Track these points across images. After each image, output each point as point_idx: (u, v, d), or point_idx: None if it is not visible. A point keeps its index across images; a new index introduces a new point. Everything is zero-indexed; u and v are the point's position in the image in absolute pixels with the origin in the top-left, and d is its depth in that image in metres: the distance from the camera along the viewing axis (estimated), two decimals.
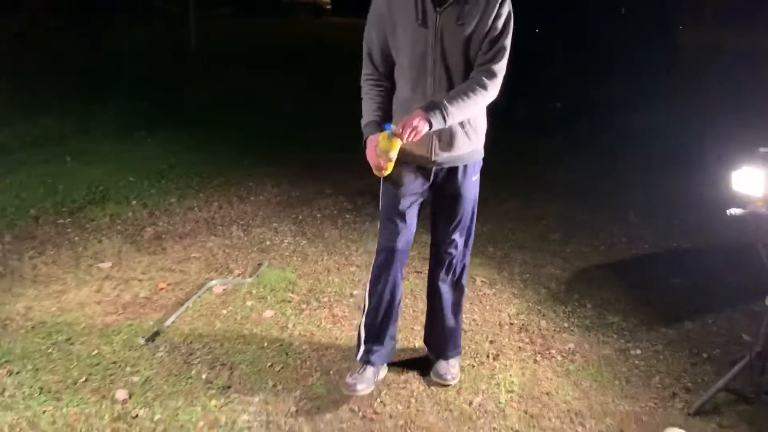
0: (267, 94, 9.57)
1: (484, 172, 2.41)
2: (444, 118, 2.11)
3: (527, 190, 5.19)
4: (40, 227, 4.14)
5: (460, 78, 2.18)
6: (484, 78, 2.15)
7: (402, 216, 2.36)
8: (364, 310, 2.49)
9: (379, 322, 2.47)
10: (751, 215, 2.40)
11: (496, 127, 2.45)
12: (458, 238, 2.45)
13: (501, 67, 2.17)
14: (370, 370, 2.48)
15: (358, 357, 2.50)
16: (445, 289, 2.54)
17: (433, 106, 2.11)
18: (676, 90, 8.33)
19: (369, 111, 2.26)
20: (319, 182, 5.15)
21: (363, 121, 2.28)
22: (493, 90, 2.18)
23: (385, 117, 2.25)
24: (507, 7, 2.14)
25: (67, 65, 10.49)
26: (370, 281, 2.46)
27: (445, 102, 2.11)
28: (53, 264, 3.61)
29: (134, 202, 4.65)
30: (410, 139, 2.09)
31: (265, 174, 5.41)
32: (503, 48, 2.16)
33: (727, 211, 2.44)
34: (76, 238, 3.99)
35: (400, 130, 2.07)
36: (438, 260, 2.52)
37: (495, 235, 4.21)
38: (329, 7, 31.59)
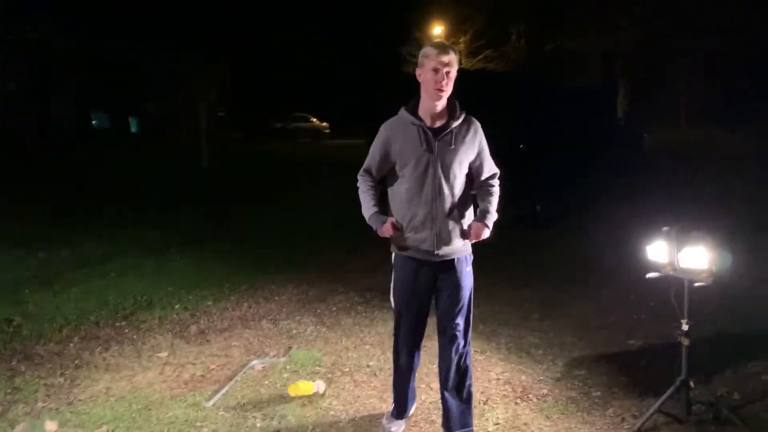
0: (278, 208, 10.63)
1: (476, 264, 3.18)
2: (492, 218, 2.97)
3: (512, 279, 6.03)
4: (101, 329, 4.92)
5: (452, 184, 2.88)
6: (495, 184, 3.03)
7: (414, 315, 3.02)
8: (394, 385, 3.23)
9: (403, 391, 3.21)
10: (664, 276, 3.24)
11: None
12: (461, 321, 3.04)
13: (497, 170, 3.05)
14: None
15: (391, 412, 3.25)
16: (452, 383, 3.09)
17: (485, 215, 2.96)
18: (641, 188, 9.38)
19: (370, 205, 3.02)
20: (333, 282, 5.99)
21: (367, 212, 3.01)
22: (499, 186, 3.05)
23: (379, 210, 3.01)
24: (480, 132, 2.99)
25: (93, 192, 11.65)
26: (394, 378, 3.18)
27: (489, 207, 2.97)
28: (119, 356, 4.38)
29: (177, 307, 5.46)
30: (477, 239, 2.95)
31: (285, 278, 6.26)
32: (491, 160, 3.03)
33: (647, 275, 3.29)
34: (134, 336, 4.76)
35: None
36: (444, 342, 3.07)
37: (485, 315, 4.99)
38: (327, 131, 33.71)
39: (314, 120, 34.51)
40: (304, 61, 39.12)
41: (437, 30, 26.92)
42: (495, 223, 3.02)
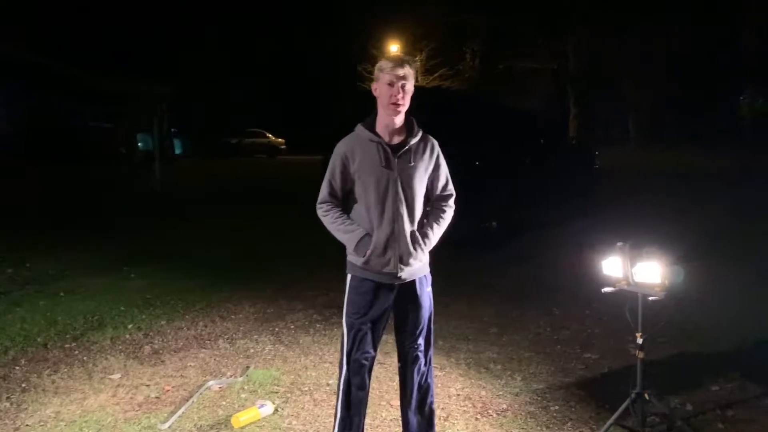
0: (233, 225, 10.50)
1: (433, 280, 3.02)
2: (429, 243, 2.86)
3: (470, 295, 6.08)
4: (49, 351, 4.75)
5: (413, 202, 2.79)
6: (445, 206, 2.93)
7: (369, 339, 2.85)
8: (336, 418, 2.92)
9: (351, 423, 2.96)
10: (619, 291, 3.31)
11: (444, 245, 3.10)
12: (422, 341, 2.94)
13: (453, 192, 2.99)
14: None
15: None
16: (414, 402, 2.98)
17: (423, 234, 2.83)
18: (594, 207, 9.61)
19: (353, 227, 2.82)
20: (291, 300, 5.93)
21: (354, 237, 2.79)
22: (452, 210, 2.98)
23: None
24: (438, 150, 2.93)
25: (43, 208, 11.30)
26: (341, 415, 2.90)
27: (429, 232, 2.84)
28: (69, 379, 4.23)
29: (129, 326, 5.31)
30: None
31: (241, 297, 6.17)
32: (448, 180, 2.96)
33: (602, 290, 3.35)
34: (85, 358, 4.61)
35: None
36: (405, 363, 2.96)
37: (443, 331, 5.00)
38: (283, 147, 33.55)
39: (270, 136, 34.30)
40: (260, 77, 38.92)
41: (393, 47, 27.21)
42: (442, 243, 2.97)
